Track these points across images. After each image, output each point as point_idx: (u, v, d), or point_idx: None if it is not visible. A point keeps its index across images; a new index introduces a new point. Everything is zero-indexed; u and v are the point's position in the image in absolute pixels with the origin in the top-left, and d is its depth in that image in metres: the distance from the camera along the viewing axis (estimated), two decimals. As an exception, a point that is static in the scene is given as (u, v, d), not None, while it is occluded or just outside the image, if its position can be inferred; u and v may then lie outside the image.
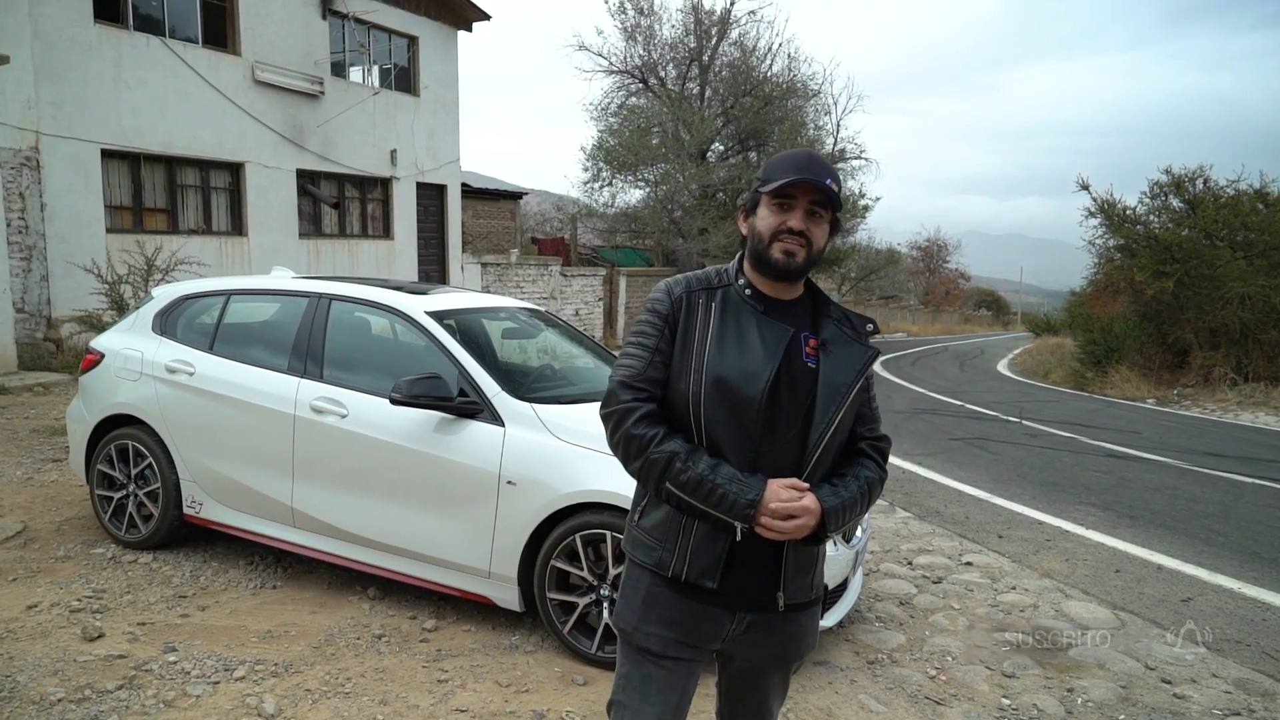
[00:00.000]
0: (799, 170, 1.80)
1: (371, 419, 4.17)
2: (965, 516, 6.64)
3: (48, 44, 11.81)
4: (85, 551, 4.84)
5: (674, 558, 1.88)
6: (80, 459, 5.17)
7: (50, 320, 11.82)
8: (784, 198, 1.82)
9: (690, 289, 1.91)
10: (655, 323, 1.90)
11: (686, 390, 1.84)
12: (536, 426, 3.87)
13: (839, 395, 1.85)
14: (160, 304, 5.18)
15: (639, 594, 1.94)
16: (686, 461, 1.79)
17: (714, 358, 1.83)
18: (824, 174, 1.80)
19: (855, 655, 4.00)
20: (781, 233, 1.82)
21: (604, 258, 26.06)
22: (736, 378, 1.80)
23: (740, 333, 1.85)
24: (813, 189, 1.80)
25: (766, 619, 1.92)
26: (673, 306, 1.89)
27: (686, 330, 1.87)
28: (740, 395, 1.80)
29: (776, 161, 1.86)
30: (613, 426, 1.87)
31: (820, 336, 1.90)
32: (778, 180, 1.80)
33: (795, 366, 1.85)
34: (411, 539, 4.08)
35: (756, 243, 1.86)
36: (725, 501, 1.76)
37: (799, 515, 1.76)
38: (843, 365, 1.88)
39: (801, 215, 1.82)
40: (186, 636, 3.83)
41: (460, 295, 4.91)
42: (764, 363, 1.81)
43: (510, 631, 4.01)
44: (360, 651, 3.77)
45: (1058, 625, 4.43)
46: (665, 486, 1.82)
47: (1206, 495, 7.52)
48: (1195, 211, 17.18)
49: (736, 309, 1.89)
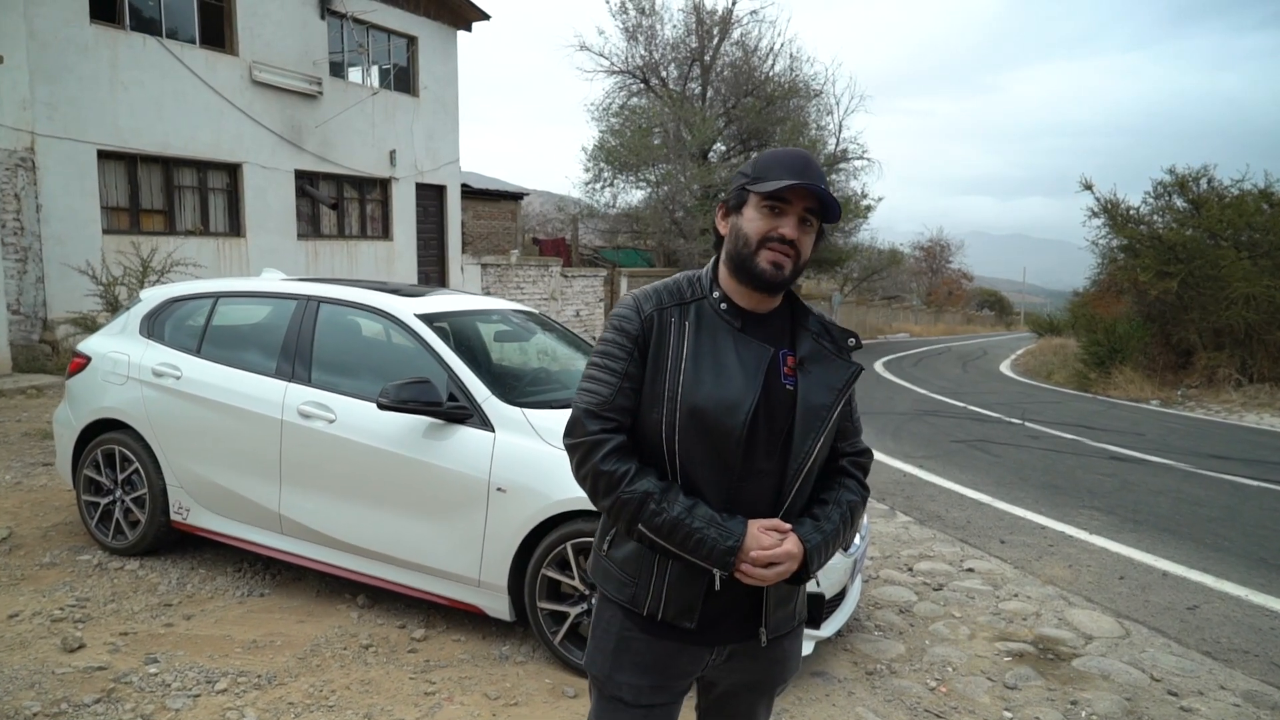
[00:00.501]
0: (798, 174, 1.64)
1: (359, 424, 4.08)
2: (967, 521, 6.54)
3: (43, 44, 11.75)
4: (71, 558, 4.77)
5: (649, 596, 1.75)
6: (66, 464, 5.09)
7: (46, 322, 11.76)
8: (778, 201, 1.66)
9: (661, 305, 1.74)
10: (623, 344, 1.72)
11: (659, 421, 1.69)
12: (527, 432, 3.79)
13: (819, 420, 1.71)
14: (148, 306, 5.10)
15: (610, 638, 1.81)
16: (661, 503, 1.64)
17: (689, 385, 1.67)
18: (821, 180, 1.66)
19: (853, 666, 3.91)
20: (771, 239, 1.66)
21: (605, 258, 25.98)
22: (715, 408, 1.65)
23: (717, 355, 1.69)
24: (809, 195, 1.66)
25: (749, 647, 1.81)
26: (642, 326, 1.72)
27: (658, 353, 1.70)
28: (719, 428, 1.65)
29: (770, 160, 1.68)
30: (579, 459, 1.72)
31: (798, 354, 1.75)
32: (774, 183, 1.64)
33: (774, 390, 1.70)
34: (400, 546, 4.00)
35: (741, 246, 1.69)
36: (703, 547, 1.63)
37: (781, 561, 1.64)
38: (822, 385, 1.73)
39: (794, 223, 1.66)
40: (169, 647, 3.74)
41: (451, 297, 4.82)
42: (744, 390, 1.66)
43: (501, 641, 3.93)
44: (346, 662, 3.68)
45: (1061, 634, 4.34)
46: (638, 529, 1.68)
47: (1211, 499, 7.41)
48: (1199, 211, 17.06)
49: (712, 326, 1.72)
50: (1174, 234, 17.05)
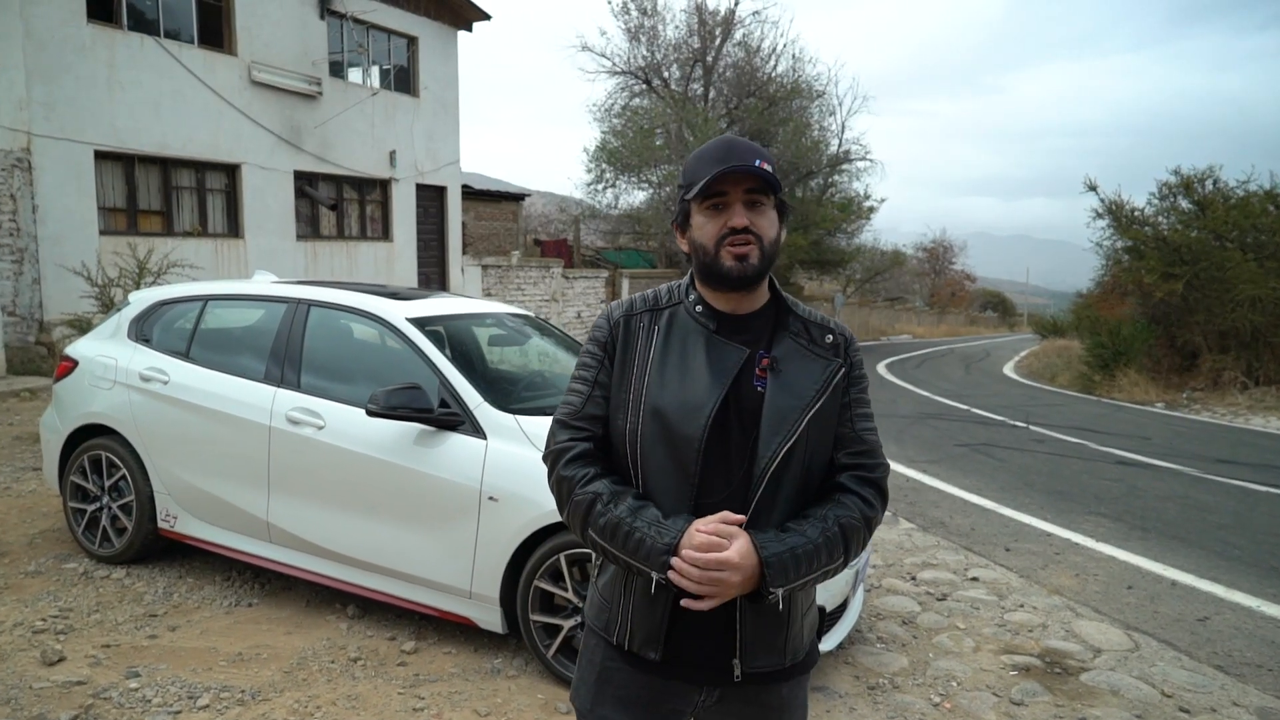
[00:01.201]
0: (720, 161, 1.54)
1: (349, 431, 3.99)
2: (971, 528, 6.43)
3: (40, 44, 11.67)
4: (57, 566, 4.67)
5: (619, 622, 1.65)
6: (53, 470, 5.00)
7: (42, 324, 11.68)
8: (715, 197, 1.57)
9: (631, 311, 1.69)
10: (595, 353, 1.68)
11: (624, 427, 1.61)
12: (520, 439, 3.68)
13: (787, 423, 1.56)
14: (136, 310, 5.01)
15: (593, 669, 1.71)
16: (608, 504, 1.56)
17: (654, 388, 1.59)
18: (750, 156, 1.55)
19: (855, 680, 3.80)
20: (725, 236, 1.56)
21: (607, 259, 25.88)
22: (675, 411, 1.56)
23: (685, 358, 1.61)
24: (744, 177, 1.55)
25: (743, 690, 1.65)
26: (612, 333, 1.67)
27: (625, 358, 1.65)
28: (679, 433, 1.56)
29: (694, 161, 1.60)
30: (549, 469, 1.67)
31: (771, 353, 1.62)
32: (701, 180, 1.54)
33: (744, 394, 1.59)
34: (390, 556, 3.90)
35: (703, 255, 1.60)
36: (642, 548, 1.51)
37: (720, 568, 1.45)
38: (794, 386, 1.59)
39: (741, 210, 1.56)
40: (152, 660, 3.64)
41: (445, 301, 4.73)
42: (708, 392, 1.56)
43: (493, 654, 3.82)
44: (333, 676, 3.58)
45: (1068, 647, 4.22)
46: (589, 534, 1.59)
47: (1220, 505, 7.30)
48: (1204, 213, 16.92)
49: (684, 330, 1.64)
50: (1179, 235, 16.93)
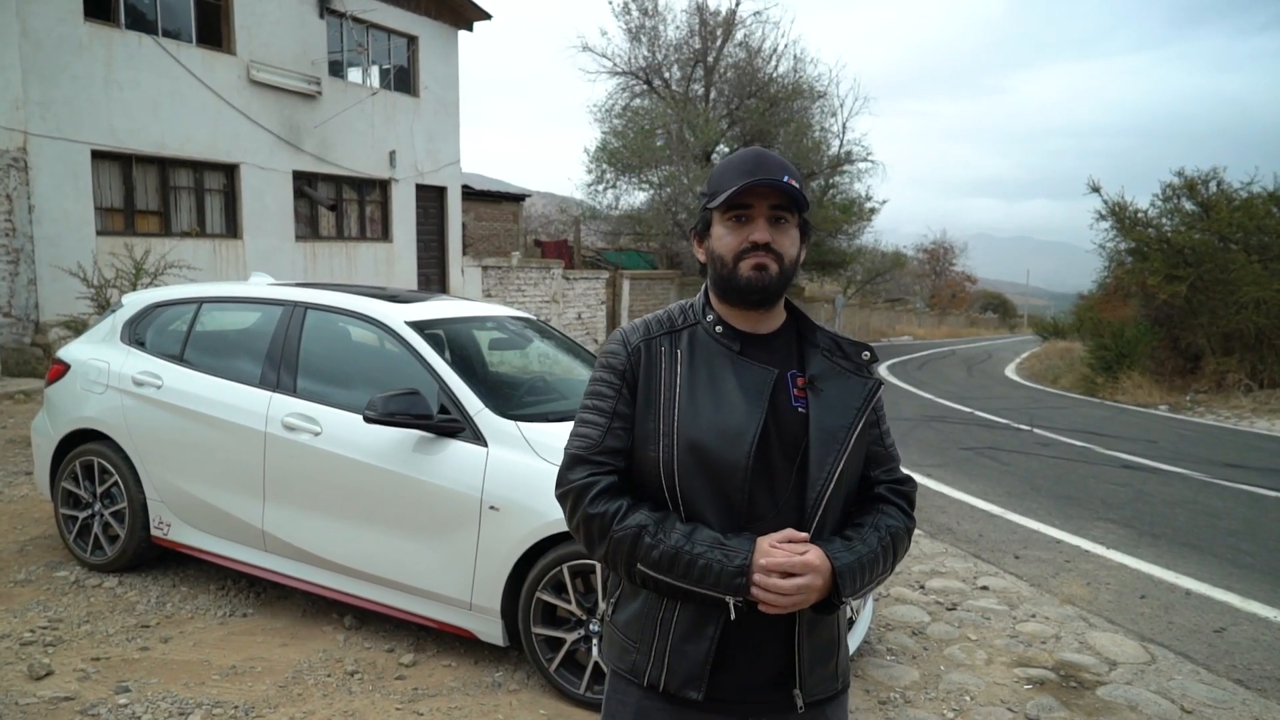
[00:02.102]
0: (748, 173, 1.50)
1: (346, 437, 3.88)
2: (979, 534, 6.33)
3: (36, 42, 11.56)
4: (48, 575, 4.57)
5: (650, 662, 1.55)
6: (45, 475, 4.90)
7: (38, 325, 11.57)
8: (739, 209, 1.53)
9: (649, 335, 1.61)
10: (611, 381, 1.60)
11: (657, 459, 1.53)
12: (522, 447, 3.59)
13: (837, 442, 1.54)
14: (130, 312, 4.91)
15: (628, 711, 1.59)
16: (656, 534, 1.48)
17: (686, 417, 1.52)
18: (779, 171, 1.51)
19: (865, 694, 3.70)
20: (745, 251, 1.53)
21: (608, 260, 25.78)
22: (715, 440, 1.50)
23: (714, 382, 1.54)
24: (770, 191, 1.51)
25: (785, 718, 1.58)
26: (630, 359, 1.59)
27: (649, 386, 1.56)
28: (722, 461, 1.49)
29: (720, 170, 1.56)
30: (570, 508, 1.58)
31: (808, 372, 1.58)
32: (727, 190, 1.50)
33: (783, 414, 1.55)
34: (388, 567, 3.80)
35: (720, 268, 1.56)
36: (710, 574, 1.44)
37: (801, 573, 1.42)
38: (837, 405, 1.57)
39: (764, 225, 1.52)
40: (143, 673, 3.54)
41: (445, 304, 4.63)
42: (747, 417, 1.51)
43: (494, 667, 3.72)
44: (330, 691, 3.48)
45: (1083, 660, 4.12)
46: (638, 569, 1.50)
47: (1230, 510, 7.20)
48: (1209, 214, 16.83)
49: (707, 352, 1.57)
50: (1183, 237, 16.84)
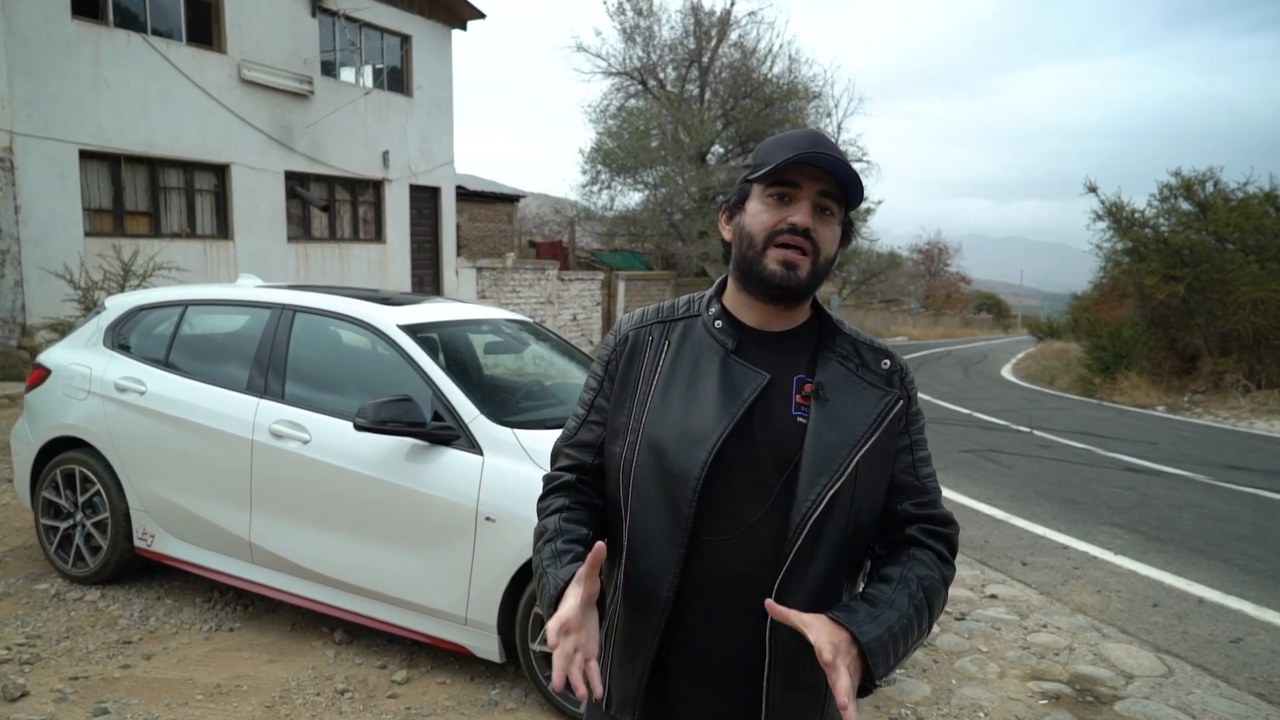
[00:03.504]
0: (803, 148, 1.30)
1: (336, 445, 3.74)
2: (984, 540, 6.21)
3: (22, 40, 11.37)
4: (27, 588, 4.42)
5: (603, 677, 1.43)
6: (25, 484, 4.74)
7: (25, 328, 11.38)
8: (784, 186, 1.33)
9: (642, 324, 1.46)
10: (597, 373, 1.48)
11: (619, 455, 1.39)
12: (518, 455, 3.45)
13: (835, 461, 1.31)
14: (113, 315, 4.75)
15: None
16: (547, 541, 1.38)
17: (654, 414, 1.36)
18: (837, 154, 1.33)
19: (875, 710, 3.58)
20: (780, 232, 1.33)
21: (603, 261, 25.64)
22: (675, 443, 1.32)
23: (694, 380, 1.37)
24: (822, 175, 1.31)
25: None
26: (617, 350, 1.46)
27: (628, 378, 1.42)
28: (677, 467, 1.32)
29: (773, 143, 1.36)
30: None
31: (815, 379, 1.38)
32: (776, 161, 1.31)
33: (776, 424, 1.34)
34: (380, 580, 3.65)
35: (746, 248, 1.36)
36: (544, 596, 1.33)
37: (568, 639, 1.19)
38: (843, 417, 1.35)
39: (807, 209, 1.32)
40: (123, 694, 3.39)
41: (438, 306, 4.49)
42: (714, 422, 1.32)
43: (490, 684, 3.58)
44: (318, 711, 3.33)
45: (1098, 673, 4.00)
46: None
47: (1236, 514, 7.09)
48: (1206, 214, 16.77)
49: (698, 347, 1.40)
50: (1179, 237, 16.78)
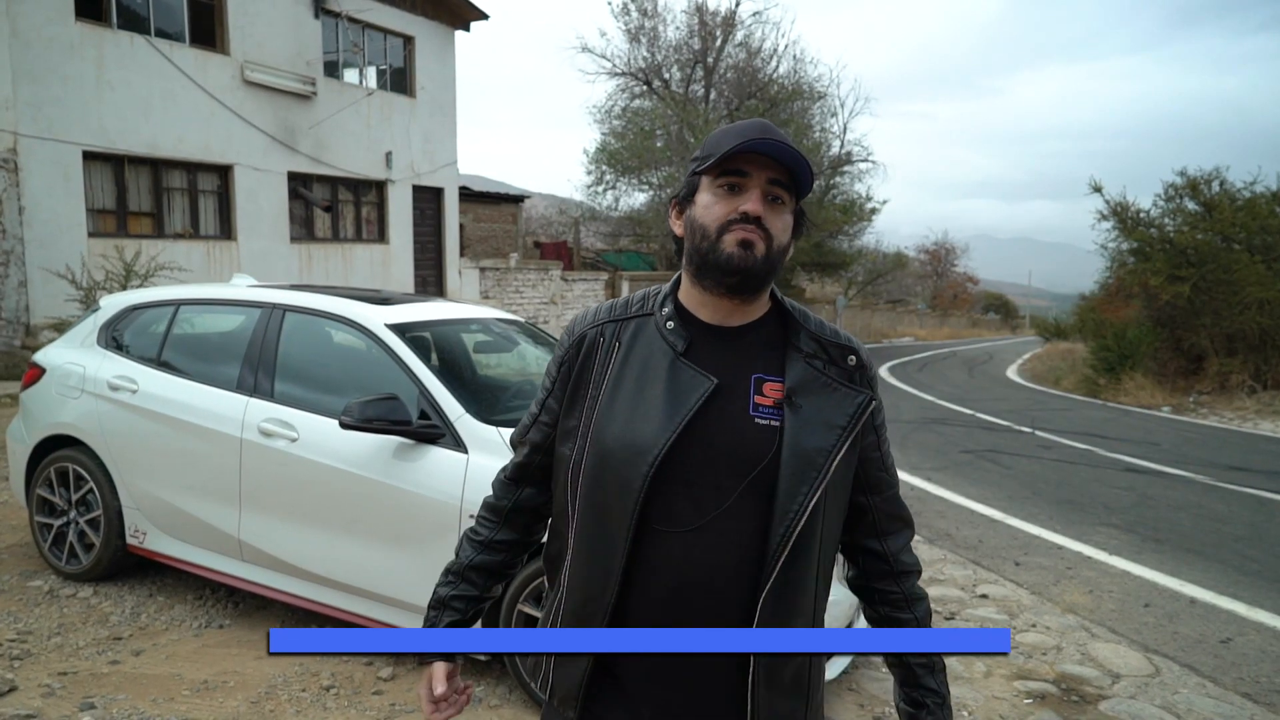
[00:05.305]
0: (750, 136, 1.28)
1: (324, 444, 3.76)
2: (979, 540, 6.20)
3: (26, 42, 11.46)
4: (21, 584, 4.45)
5: (541, 667, 1.41)
6: (20, 482, 4.78)
7: (29, 328, 11.46)
8: (733, 176, 1.30)
9: (595, 322, 1.42)
10: (551, 371, 1.45)
11: (568, 459, 1.37)
12: (503, 453, 3.45)
13: (814, 468, 1.28)
14: (107, 315, 4.79)
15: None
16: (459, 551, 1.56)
17: (602, 420, 1.32)
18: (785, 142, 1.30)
19: (860, 709, 3.58)
20: (733, 222, 1.29)
21: (607, 262, 25.68)
22: (618, 451, 1.29)
23: (642, 384, 1.32)
24: (770, 163, 1.29)
25: None
26: (569, 349, 1.42)
27: (581, 379, 1.39)
28: (618, 477, 1.28)
29: (719, 134, 1.34)
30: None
31: (786, 384, 1.32)
32: (723, 150, 1.28)
33: (734, 425, 1.30)
34: (366, 577, 3.67)
35: (699, 240, 1.32)
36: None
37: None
38: (818, 423, 1.30)
39: (759, 197, 1.29)
40: (110, 689, 3.42)
41: (428, 306, 4.51)
42: (658, 432, 1.27)
43: (475, 681, 3.59)
44: (303, 707, 3.35)
45: (1085, 672, 3.99)
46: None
47: (1235, 515, 7.06)
48: (1211, 214, 16.70)
49: (648, 349, 1.35)
50: (1185, 237, 16.70)
